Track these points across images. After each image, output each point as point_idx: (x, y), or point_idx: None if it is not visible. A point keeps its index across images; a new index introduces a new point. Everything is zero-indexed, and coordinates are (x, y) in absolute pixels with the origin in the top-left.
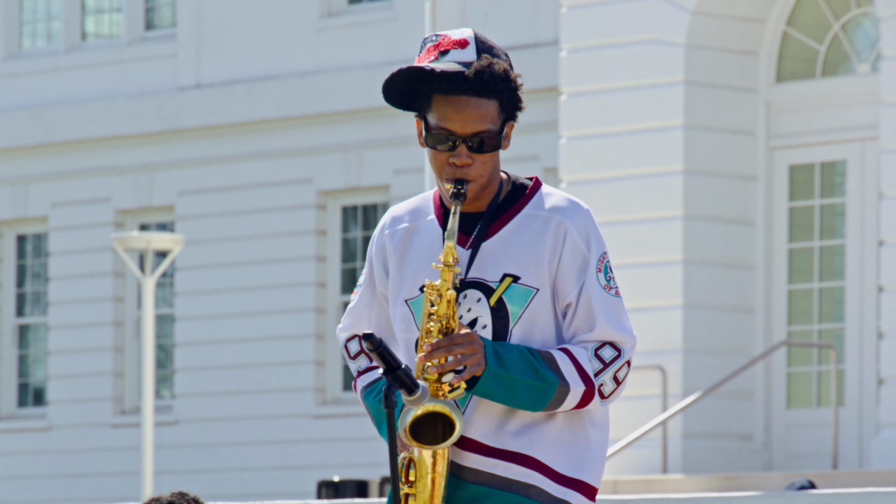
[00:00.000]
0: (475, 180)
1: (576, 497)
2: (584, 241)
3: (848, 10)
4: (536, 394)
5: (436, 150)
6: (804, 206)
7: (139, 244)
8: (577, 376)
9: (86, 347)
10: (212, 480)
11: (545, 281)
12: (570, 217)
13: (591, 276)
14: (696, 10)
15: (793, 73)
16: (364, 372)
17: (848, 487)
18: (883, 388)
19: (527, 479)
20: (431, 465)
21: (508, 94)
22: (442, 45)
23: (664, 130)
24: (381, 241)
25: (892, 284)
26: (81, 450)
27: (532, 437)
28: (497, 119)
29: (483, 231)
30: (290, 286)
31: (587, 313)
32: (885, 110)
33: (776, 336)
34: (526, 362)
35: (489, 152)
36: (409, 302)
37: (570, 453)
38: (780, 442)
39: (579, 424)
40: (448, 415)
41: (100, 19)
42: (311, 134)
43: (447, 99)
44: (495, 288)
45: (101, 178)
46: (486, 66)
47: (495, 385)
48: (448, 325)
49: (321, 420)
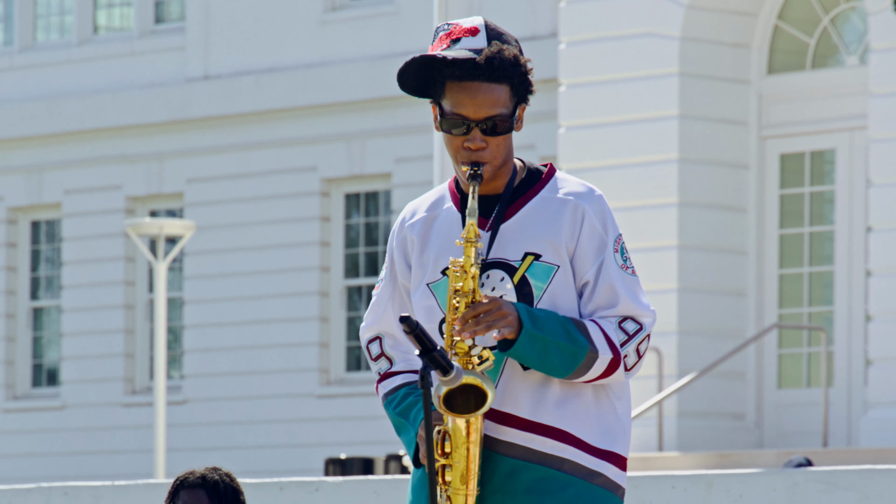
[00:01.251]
0: (490, 162)
1: (609, 468)
2: (601, 223)
3: (837, 5)
4: (567, 357)
5: (451, 134)
6: (794, 193)
7: (151, 230)
8: (605, 344)
9: (97, 329)
10: (220, 458)
11: (564, 259)
12: (587, 200)
13: (609, 256)
14: (690, 4)
15: (784, 65)
16: (384, 378)
17: (838, 465)
18: (871, 368)
19: (561, 454)
20: (466, 435)
21: (519, 78)
22: (454, 34)
23: (660, 120)
24: (401, 233)
25: (879, 269)
26: (93, 428)
27: (564, 411)
28: (509, 103)
29: (501, 213)
30: (294, 271)
31: (608, 291)
32: (873, 101)
33: (768, 319)
34: (560, 325)
35: (502, 135)
36: (430, 285)
37: (600, 426)
38: (771, 421)
39: (605, 398)
40: (480, 386)
41: (111, 13)
42: (315, 124)
43: (460, 85)
44: (517, 267)
45: (112, 166)
46: (496, 52)
47: (530, 346)
48: (474, 300)
49: (325, 400)
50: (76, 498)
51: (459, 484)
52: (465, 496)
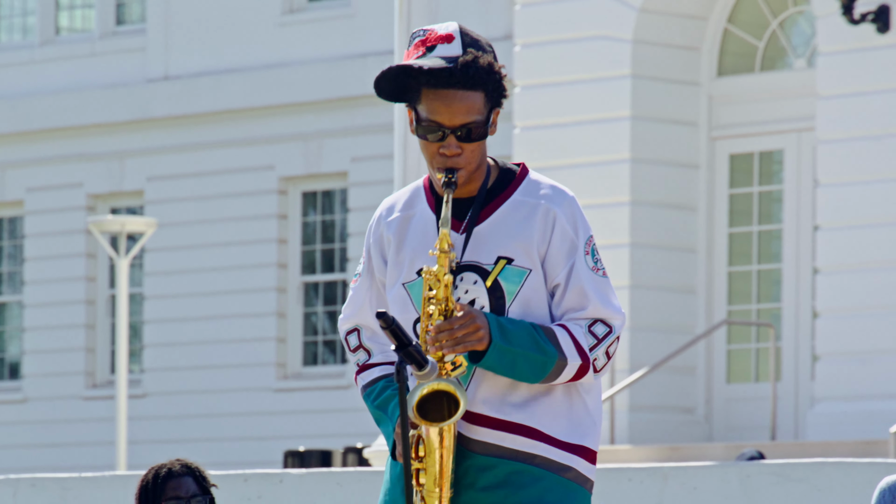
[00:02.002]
0: (465, 167)
1: (579, 462)
2: (571, 226)
3: (785, 9)
4: (537, 366)
5: (427, 140)
6: (744, 192)
7: (114, 227)
8: (574, 351)
9: (59, 324)
10: (180, 451)
11: (536, 262)
12: (559, 204)
13: (579, 259)
14: (642, 7)
15: (733, 68)
16: (363, 370)
17: (785, 458)
18: (818, 364)
19: (531, 450)
20: (439, 441)
21: (493, 84)
22: (429, 41)
23: (612, 121)
24: (378, 231)
25: (826, 267)
26: (55, 421)
27: (534, 409)
28: (483, 109)
29: (475, 216)
30: (252, 267)
31: (578, 293)
32: (821, 103)
33: (717, 315)
34: (529, 336)
35: (477, 141)
36: (406, 285)
37: (569, 421)
38: (720, 415)
39: (576, 394)
40: (452, 392)
41: (73, 14)
42: (273, 123)
43: (435, 93)
44: (490, 270)
45: (74, 165)
46: (471, 60)
47: (499, 358)
48: (447, 307)
49: (282, 394)
50: (44, 489)
51: (433, 486)
52: (438, 499)
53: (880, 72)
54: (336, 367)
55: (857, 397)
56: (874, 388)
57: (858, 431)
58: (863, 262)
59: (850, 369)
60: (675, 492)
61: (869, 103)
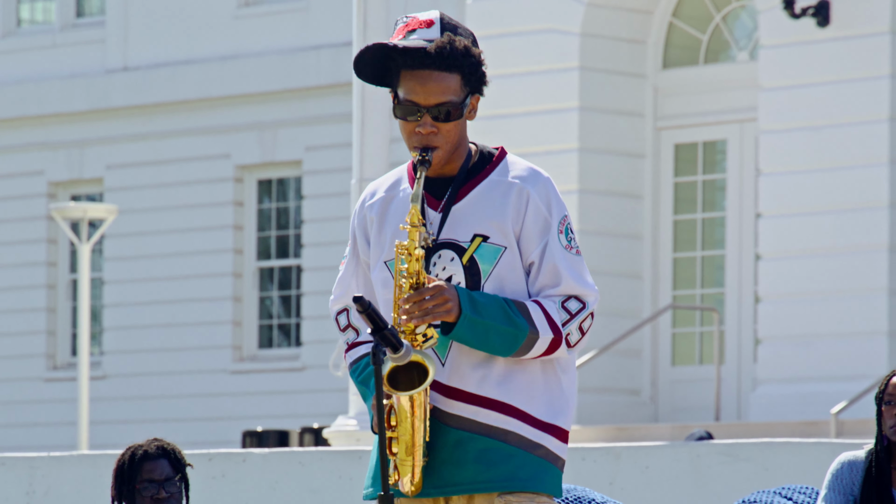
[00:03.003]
0: (440, 147)
1: (550, 440)
2: (545, 205)
3: (728, 3)
4: (508, 339)
5: (405, 120)
6: (688, 181)
7: (76, 213)
8: (546, 325)
9: (20, 308)
10: (140, 431)
11: (511, 240)
12: (533, 184)
13: (553, 237)
14: (590, 2)
15: (678, 60)
16: (351, 347)
17: (729, 438)
18: (760, 347)
19: (505, 426)
20: (410, 409)
21: (470, 68)
22: (410, 25)
23: (561, 112)
24: (361, 213)
25: (768, 253)
26: (16, 402)
27: (510, 385)
28: (460, 91)
29: (453, 195)
30: (209, 253)
31: (552, 271)
32: (762, 94)
33: (662, 300)
34: (500, 309)
35: (452, 121)
36: (387, 263)
37: (544, 400)
38: (665, 396)
39: (552, 372)
40: (422, 363)
41: (34, 7)
42: (229, 113)
43: (412, 73)
44: (467, 247)
45: (35, 153)
46: (446, 42)
47: (469, 330)
48: (418, 281)
49: (238, 375)
50: (13, 468)
51: (405, 455)
52: (411, 466)
53: (820, 65)
54: (291, 349)
55: (799, 380)
56: (815, 370)
57: (800, 413)
58: (803, 249)
59: (791, 352)
60: (628, 470)
61: (809, 95)
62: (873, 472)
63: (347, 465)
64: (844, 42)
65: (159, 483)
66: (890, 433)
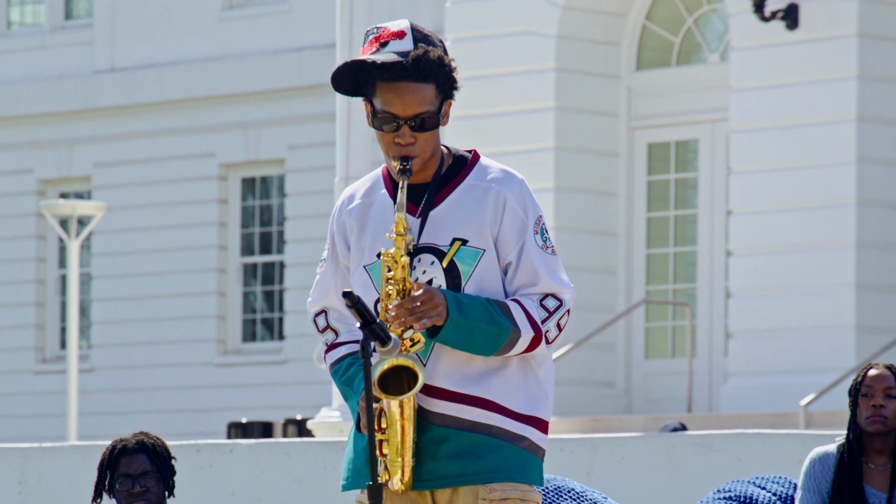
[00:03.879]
0: (419, 156)
1: (532, 432)
2: (521, 207)
3: (700, 7)
4: (492, 339)
5: (382, 130)
6: (661, 179)
7: (65, 211)
8: (527, 323)
9: (10, 302)
10: (127, 422)
11: (489, 242)
12: (508, 186)
13: (529, 238)
14: (566, 5)
15: (651, 62)
16: (331, 348)
17: (700, 430)
18: (731, 341)
19: (488, 421)
20: (399, 413)
21: (444, 77)
22: (382, 37)
23: (538, 112)
24: (340, 218)
25: (738, 249)
26: (6, 394)
27: (490, 382)
28: (435, 100)
29: (430, 200)
30: (194, 249)
31: (529, 270)
32: (733, 95)
33: (636, 295)
34: (483, 309)
35: (430, 130)
36: (367, 268)
37: (523, 394)
38: (639, 389)
39: (529, 368)
40: (411, 367)
41: (23, 9)
42: (214, 113)
43: (389, 86)
44: (446, 251)
45: (24, 152)
46: (421, 54)
47: (455, 332)
48: (405, 287)
49: (222, 368)
50: (6, 457)
51: (395, 456)
52: (401, 468)
53: (789, 66)
54: (273, 343)
55: (768, 372)
56: (784, 363)
57: (770, 404)
58: (773, 245)
59: (761, 346)
60: (604, 461)
61: (779, 96)
62: (845, 464)
63: (331, 455)
64: (813, 44)
65: (134, 478)
66: (865, 424)
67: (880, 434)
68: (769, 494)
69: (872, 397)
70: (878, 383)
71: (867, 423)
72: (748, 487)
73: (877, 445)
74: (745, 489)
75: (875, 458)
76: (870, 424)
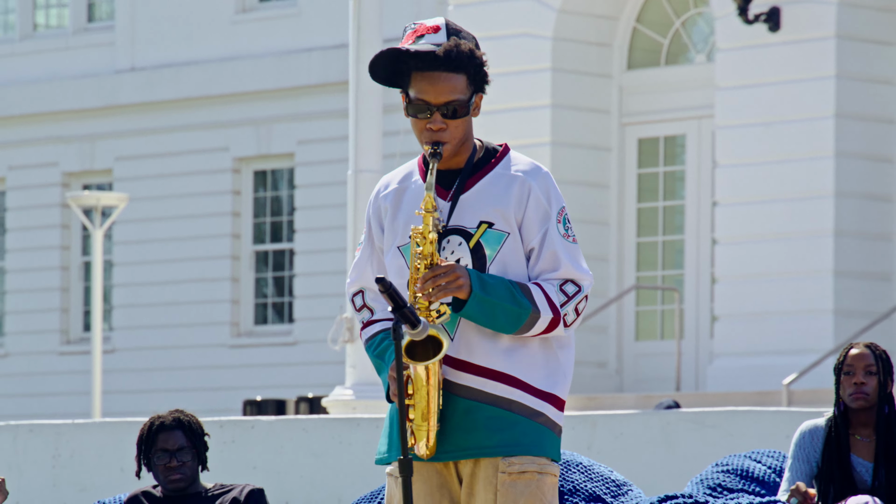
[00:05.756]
0: (449, 141)
1: (549, 409)
2: (545, 197)
3: (687, 10)
4: (512, 317)
5: (416, 118)
6: (650, 172)
7: (90, 201)
8: (546, 305)
9: (37, 288)
10: (146, 400)
11: (514, 227)
12: (534, 178)
13: (552, 226)
14: (561, 8)
15: (641, 62)
16: (367, 325)
17: (689, 407)
18: (716, 324)
19: (509, 396)
20: (425, 378)
21: (474, 69)
22: (418, 31)
23: (535, 109)
24: (376, 203)
25: (724, 238)
26: (33, 374)
27: (513, 358)
28: (466, 90)
29: (461, 186)
30: (209, 237)
31: (551, 256)
32: (718, 93)
33: (627, 280)
34: (506, 289)
35: (460, 118)
36: (400, 248)
37: (544, 372)
38: (630, 369)
39: (550, 348)
40: (437, 336)
41: (49, 12)
42: (228, 110)
43: (423, 75)
44: (473, 233)
45: (50, 146)
46: (453, 46)
47: (478, 308)
48: (432, 262)
49: (236, 349)
50: (40, 434)
51: (421, 421)
52: (426, 431)
53: (771, 66)
54: (283, 325)
55: (752, 353)
56: (767, 345)
57: (753, 384)
58: (756, 234)
59: (745, 328)
60: (604, 437)
61: (761, 94)
62: (833, 438)
63: (346, 431)
64: (794, 46)
65: (171, 452)
66: (849, 400)
67: (863, 409)
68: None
69: (854, 375)
70: (858, 362)
71: (850, 399)
72: (744, 461)
73: (861, 419)
74: (741, 463)
75: (861, 431)
76: (853, 401)
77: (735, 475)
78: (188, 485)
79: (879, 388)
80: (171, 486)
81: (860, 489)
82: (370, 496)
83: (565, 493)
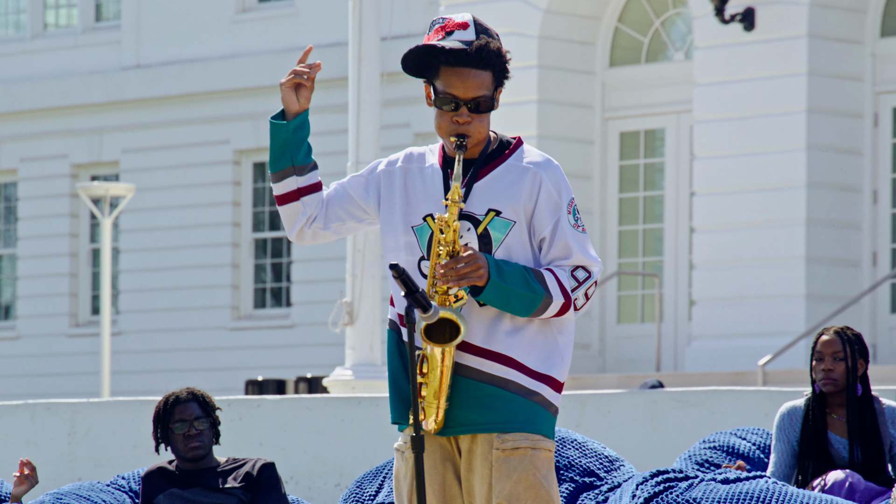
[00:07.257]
0: (473, 135)
1: (545, 389)
2: (555, 189)
3: (666, 10)
4: (527, 302)
5: (442, 110)
6: (631, 164)
7: (98, 192)
8: (559, 291)
9: (47, 273)
10: (152, 380)
11: (521, 216)
12: (545, 170)
13: (563, 217)
14: (547, 8)
15: (623, 59)
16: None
17: (668, 387)
18: (694, 308)
19: (506, 376)
20: (440, 359)
21: (500, 66)
22: (447, 27)
23: (522, 104)
24: (391, 166)
25: (701, 226)
26: (42, 355)
27: (512, 340)
28: (491, 86)
29: (475, 175)
30: (211, 225)
31: (563, 245)
32: (696, 89)
33: (609, 266)
34: (521, 276)
35: (484, 113)
36: (414, 228)
37: (541, 354)
38: (612, 350)
39: (548, 331)
40: (455, 320)
41: (58, 12)
42: (228, 105)
43: (453, 70)
44: (482, 220)
45: (59, 139)
46: (484, 44)
47: (495, 293)
48: (454, 249)
49: (236, 332)
50: (57, 412)
51: (432, 399)
52: (436, 408)
53: (746, 63)
54: (281, 309)
55: (728, 335)
56: (742, 327)
57: (729, 364)
58: (732, 223)
59: (721, 312)
60: (592, 415)
61: (737, 90)
62: (811, 417)
63: (347, 409)
64: (767, 44)
65: (189, 422)
66: (819, 385)
67: (832, 393)
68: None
69: (823, 361)
70: (827, 348)
71: (821, 384)
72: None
73: (836, 400)
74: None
75: (837, 410)
76: (823, 385)
77: (721, 451)
78: (206, 453)
79: (847, 372)
80: (189, 455)
81: (838, 465)
82: (375, 472)
83: (561, 468)
